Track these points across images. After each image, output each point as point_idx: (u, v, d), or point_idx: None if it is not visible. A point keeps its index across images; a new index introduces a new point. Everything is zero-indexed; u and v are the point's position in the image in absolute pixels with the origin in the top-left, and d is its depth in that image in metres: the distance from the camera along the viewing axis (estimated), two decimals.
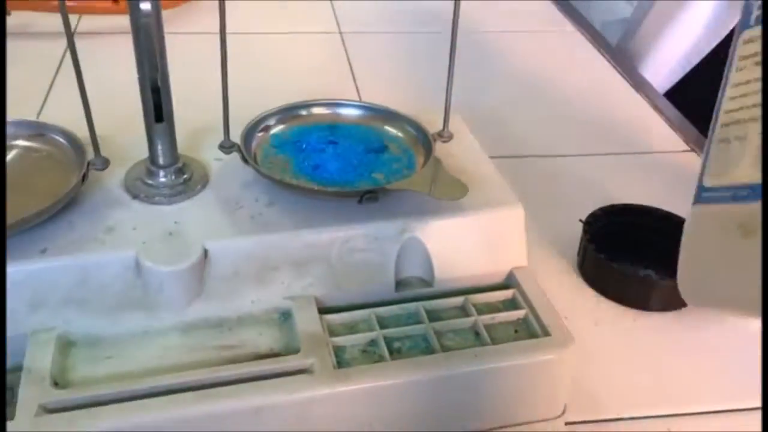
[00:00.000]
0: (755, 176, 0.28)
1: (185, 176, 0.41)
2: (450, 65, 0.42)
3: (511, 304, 0.41)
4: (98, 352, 0.37)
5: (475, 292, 0.41)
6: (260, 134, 0.44)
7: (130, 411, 0.33)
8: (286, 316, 0.39)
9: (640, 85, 0.77)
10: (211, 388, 0.34)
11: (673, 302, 0.48)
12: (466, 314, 0.40)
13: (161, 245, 0.38)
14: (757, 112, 0.29)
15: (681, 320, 0.48)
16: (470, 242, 0.41)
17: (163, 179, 0.41)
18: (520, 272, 0.42)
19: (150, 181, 0.41)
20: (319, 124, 0.46)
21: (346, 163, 0.43)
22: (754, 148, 0.29)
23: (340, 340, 0.38)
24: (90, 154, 0.40)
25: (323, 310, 0.39)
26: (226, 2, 0.36)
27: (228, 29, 0.37)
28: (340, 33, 0.83)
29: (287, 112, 0.46)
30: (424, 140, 0.44)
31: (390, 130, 0.46)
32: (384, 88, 0.71)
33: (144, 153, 0.41)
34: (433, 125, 0.46)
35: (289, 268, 0.39)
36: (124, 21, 0.38)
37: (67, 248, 0.37)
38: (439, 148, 0.44)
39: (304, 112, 0.46)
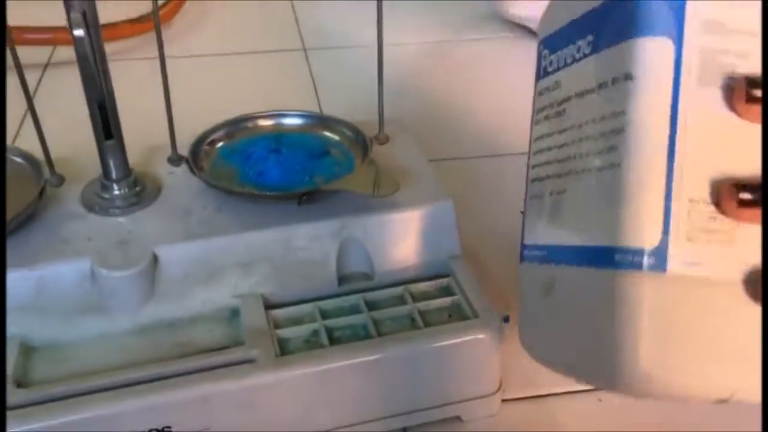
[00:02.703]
0: (549, 237, 0.27)
1: (138, 189, 0.44)
2: (379, 72, 0.46)
3: (446, 291, 0.43)
4: (58, 354, 0.39)
5: (413, 281, 0.44)
6: (207, 147, 0.47)
7: (85, 404, 0.36)
8: (234, 313, 0.42)
9: None
10: (160, 381, 0.37)
11: None
12: (403, 302, 0.42)
13: (114, 253, 0.41)
14: (552, 169, 0.27)
15: None
16: (406, 236, 0.44)
17: (117, 192, 0.44)
18: (455, 261, 0.44)
19: (105, 195, 0.44)
20: (264, 135, 0.49)
21: (289, 169, 0.46)
22: (548, 206, 0.28)
23: (284, 332, 0.40)
24: (47, 174, 0.43)
25: (270, 306, 0.42)
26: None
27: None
28: (305, 49, 0.86)
29: (233, 125, 0.49)
30: (362, 143, 0.47)
31: (331, 135, 0.49)
32: (344, 101, 0.74)
33: (99, 170, 0.44)
34: (375, 130, 0.49)
35: (236, 268, 0.42)
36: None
37: (24, 260, 0.40)
38: (378, 150, 0.47)
39: (249, 125, 0.49)
